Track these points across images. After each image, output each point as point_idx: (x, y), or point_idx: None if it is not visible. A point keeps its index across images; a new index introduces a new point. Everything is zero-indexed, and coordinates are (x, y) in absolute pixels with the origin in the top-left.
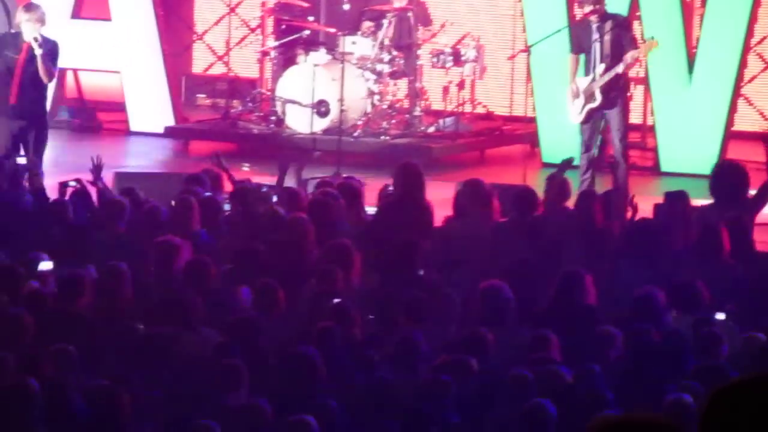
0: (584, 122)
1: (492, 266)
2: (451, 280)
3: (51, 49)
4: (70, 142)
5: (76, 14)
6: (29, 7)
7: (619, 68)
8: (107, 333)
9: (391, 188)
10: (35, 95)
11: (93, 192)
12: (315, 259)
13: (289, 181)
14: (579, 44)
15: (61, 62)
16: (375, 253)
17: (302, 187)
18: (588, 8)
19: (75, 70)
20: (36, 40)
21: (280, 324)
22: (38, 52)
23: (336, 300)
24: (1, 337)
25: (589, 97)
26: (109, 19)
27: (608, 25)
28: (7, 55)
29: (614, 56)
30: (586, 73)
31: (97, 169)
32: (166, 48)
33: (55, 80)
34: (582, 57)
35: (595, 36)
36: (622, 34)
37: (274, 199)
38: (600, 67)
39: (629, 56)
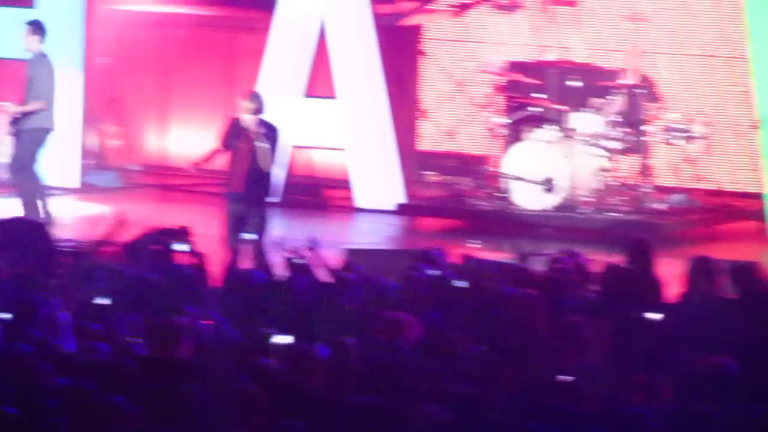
0: None
1: (720, 343)
2: (676, 356)
3: (271, 138)
4: (299, 218)
5: (306, 93)
6: (250, 96)
7: None
8: (337, 408)
9: (619, 264)
10: (259, 181)
11: (321, 267)
12: (545, 335)
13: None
14: None
15: (292, 140)
16: (605, 328)
17: (528, 264)
18: None
19: (304, 148)
20: (257, 132)
21: (509, 401)
22: (259, 144)
23: (565, 377)
24: (233, 413)
25: None
26: (334, 97)
27: None
28: (233, 143)
29: None
30: None
31: (316, 246)
32: (395, 125)
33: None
34: None
35: None
36: None
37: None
38: None
39: None
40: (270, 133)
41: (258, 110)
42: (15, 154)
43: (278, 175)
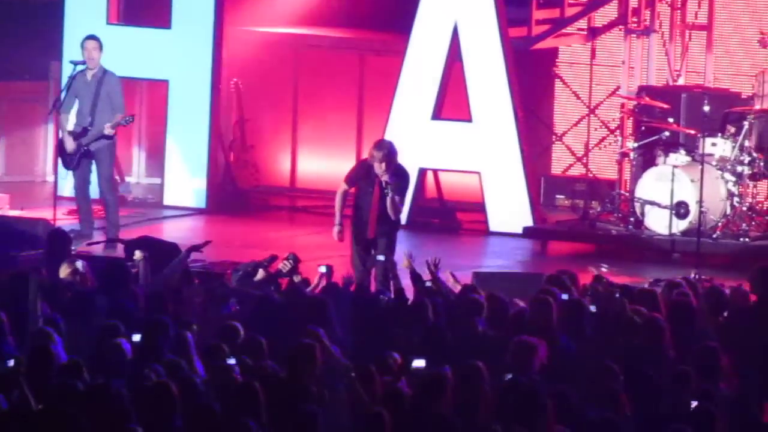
0: None
1: None
2: None
3: (401, 185)
4: (430, 242)
5: (437, 115)
6: (378, 145)
7: None
8: None
9: (746, 290)
10: (387, 229)
11: (450, 291)
12: (671, 360)
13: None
14: None
15: (422, 162)
16: (732, 357)
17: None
18: None
19: (435, 171)
20: (386, 183)
21: (640, 427)
22: (388, 193)
23: (694, 403)
24: None
25: None
26: (467, 120)
27: None
28: (360, 183)
29: None
30: None
31: (444, 269)
32: (526, 148)
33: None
34: None
35: None
36: None
37: None
38: None
39: None
40: (401, 181)
41: (386, 157)
42: (102, 173)
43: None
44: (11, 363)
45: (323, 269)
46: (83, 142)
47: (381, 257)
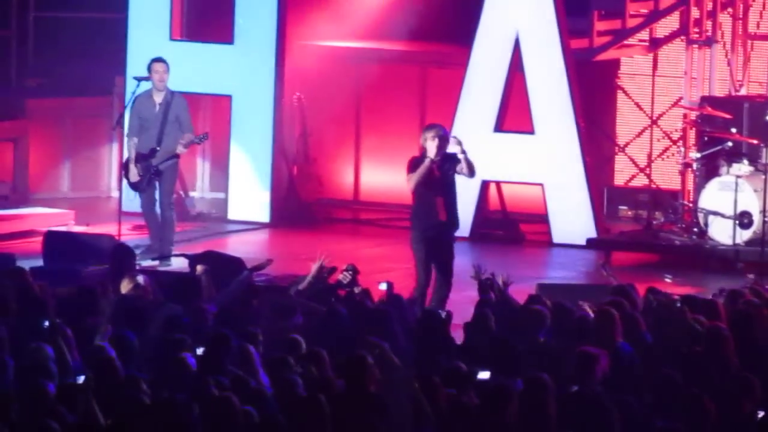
0: None
1: None
2: None
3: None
4: (494, 253)
5: (499, 127)
6: (428, 127)
7: None
8: None
9: None
10: (453, 213)
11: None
12: (735, 369)
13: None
14: None
15: (484, 174)
16: None
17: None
18: None
19: (498, 183)
20: (444, 157)
21: None
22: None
23: (761, 413)
24: None
25: None
26: (530, 132)
27: None
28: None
29: None
30: None
31: (504, 286)
32: (588, 160)
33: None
34: None
35: None
36: None
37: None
38: None
39: None
40: (447, 157)
41: (439, 135)
42: (166, 189)
43: (467, 210)
44: (81, 379)
45: (383, 287)
46: (153, 162)
47: (442, 273)
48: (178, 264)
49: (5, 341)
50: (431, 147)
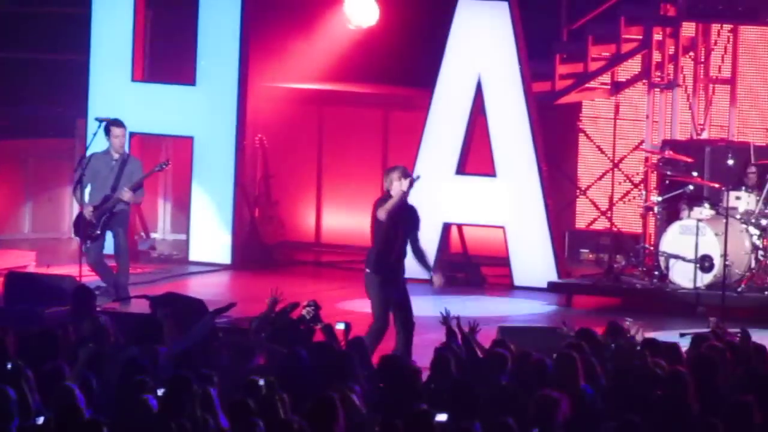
0: None
1: None
2: None
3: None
4: (455, 296)
5: (461, 170)
6: (389, 170)
7: None
8: None
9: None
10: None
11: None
12: (696, 414)
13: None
14: None
15: (446, 217)
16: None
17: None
18: None
19: (459, 225)
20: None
21: None
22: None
23: None
24: None
25: None
26: (491, 174)
27: None
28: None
29: None
30: None
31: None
32: (550, 203)
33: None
34: None
35: None
36: None
37: None
38: None
39: None
40: (413, 214)
41: (404, 172)
42: (123, 233)
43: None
44: (41, 420)
45: (341, 326)
46: (108, 206)
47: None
48: (139, 306)
49: None
50: (402, 185)
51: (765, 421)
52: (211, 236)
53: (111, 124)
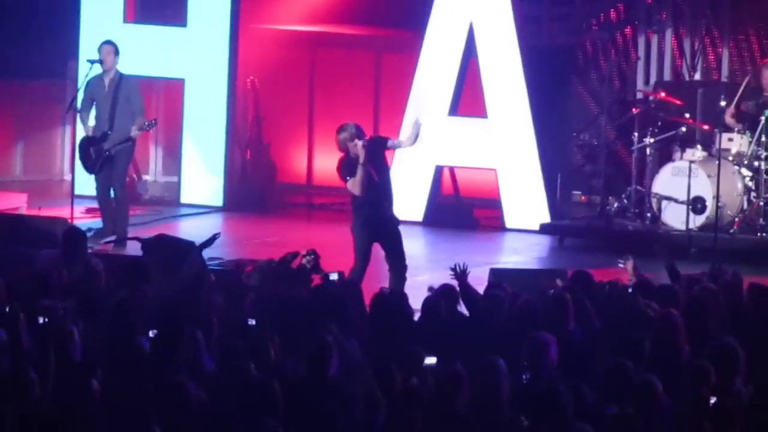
0: None
1: None
2: None
3: (376, 146)
4: (447, 238)
5: (453, 112)
6: (340, 128)
7: None
8: (486, 430)
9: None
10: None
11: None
12: (687, 356)
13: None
14: None
15: (439, 159)
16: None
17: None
18: None
19: (452, 168)
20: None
21: (657, 422)
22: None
23: (713, 399)
24: None
25: None
26: (484, 116)
27: None
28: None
29: None
30: None
31: (462, 274)
32: (542, 145)
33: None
34: None
35: None
36: None
37: None
38: None
39: None
40: (372, 145)
41: (357, 130)
42: (119, 172)
43: (421, 195)
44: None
45: (335, 276)
46: (105, 146)
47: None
48: (132, 248)
49: None
50: (358, 150)
51: (750, 364)
52: (202, 179)
53: (101, 44)
